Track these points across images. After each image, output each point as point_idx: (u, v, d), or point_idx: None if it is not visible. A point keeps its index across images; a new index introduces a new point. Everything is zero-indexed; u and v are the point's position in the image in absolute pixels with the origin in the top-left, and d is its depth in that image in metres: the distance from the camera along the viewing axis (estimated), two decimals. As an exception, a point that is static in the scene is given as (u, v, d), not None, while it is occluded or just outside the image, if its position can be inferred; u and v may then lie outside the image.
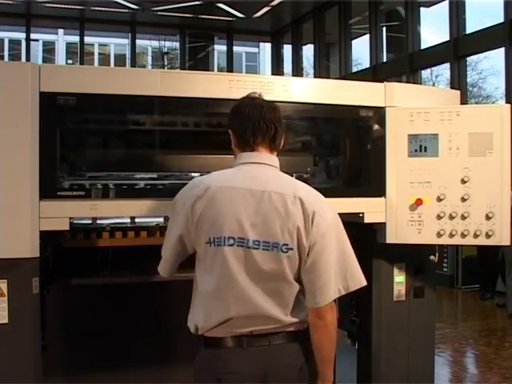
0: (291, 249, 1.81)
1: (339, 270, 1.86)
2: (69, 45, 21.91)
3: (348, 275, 1.87)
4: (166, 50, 17.67)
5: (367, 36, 13.12)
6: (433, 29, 13.42)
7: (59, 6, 14.22)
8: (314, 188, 1.97)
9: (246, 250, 1.80)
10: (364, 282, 1.92)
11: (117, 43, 22.55)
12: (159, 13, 14.83)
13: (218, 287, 1.82)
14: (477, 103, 13.91)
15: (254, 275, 1.81)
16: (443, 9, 10.81)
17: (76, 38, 16.80)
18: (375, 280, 2.66)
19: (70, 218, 2.20)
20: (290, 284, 1.85)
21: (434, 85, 13.91)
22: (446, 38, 10.84)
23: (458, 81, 10.39)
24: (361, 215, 2.55)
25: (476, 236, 2.50)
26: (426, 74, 13.79)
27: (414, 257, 2.70)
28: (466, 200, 2.50)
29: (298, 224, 1.81)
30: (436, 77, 14.85)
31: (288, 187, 1.87)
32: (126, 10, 14.79)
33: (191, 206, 1.84)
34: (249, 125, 1.89)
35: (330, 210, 1.90)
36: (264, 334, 1.84)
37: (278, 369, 1.85)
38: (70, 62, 21.56)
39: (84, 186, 2.30)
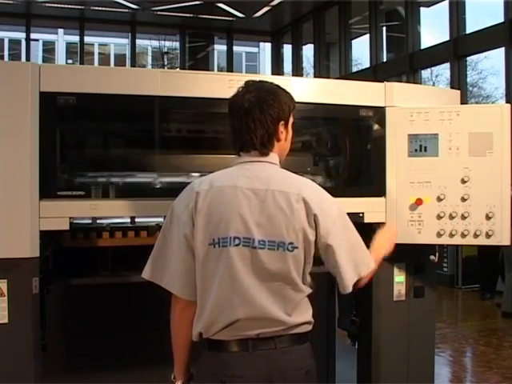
0: (296, 247, 1.80)
1: (350, 259, 1.88)
2: (69, 45, 21.92)
3: (358, 262, 1.90)
4: (165, 49, 17.68)
5: (367, 36, 13.13)
6: (430, 29, 13.43)
7: (59, 5, 14.22)
8: None
9: (251, 250, 1.78)
10: (372, 265, 1.95)
11: (117, 43, 22.56)
12: (159, 13, 14.83)
13: (222, 290, 1.78)
14: (477, 103, 13.91)
15: (260, 275, 1.79)
16: (443, 9, 10.82)
17: (76, 38, 16.82)
18: (375, 280, 2.65)
19: (70, 218, 2.20)
20: (294, 284, 1.83)
21: (434, 85, 13.91)
22: (444, 38, 10.85)
23: (458, 81, 10.40)
24: (361, 215, 2.55)
25: (476, 236, 2.50)
26: (426, 73, 13.80)
27: (414, 257, 2.70)
28: (466, 200, 2.50)
29: (303, 222, 1.81)
30: (436, 77, 14.88)
31: (291, 185, 1.85)
32: (126, 10, 14.80)
33: (194, 207, 1.80)
34: (245, 127, 1.84)
35: (333, 202, 1.90)
36: (270, 337, 1.82)
37: (283, 372, 1.83)
38: (70, 61, 21.56)
39: (84, 185, 2.30)
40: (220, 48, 17.80)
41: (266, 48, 20.85)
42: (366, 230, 2.52)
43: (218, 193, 1.81)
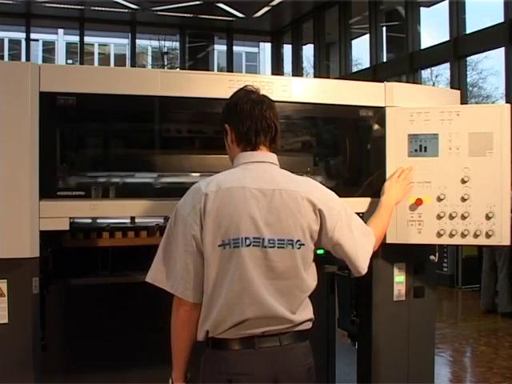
0: (303, 244, 1.85)
1: (359, 247, 2.02)
2: (69, 45, 21.94)
3: (367, 245, 2.07)
4: (165, 49, 17.67)
5: (367, 36, 13.12)
6: (430, 29, 13.44)
7: (59, 5, 14.23)
8: None
9: (262, 250, 1.80)
10: (374, 238, 2.13)
11: (117, 43, 22.58)
12: (159, 13, 14.84)
13: (232, 290, 1.78)
14: (477, 103, 13.91)
15: (269, 274, 1.81)
16: (443, 9, 10.82)
17: (76, 38, 16.82)
18: (375, 280, 2.66)
19: (70, 218, 2.20)
20: (302, 281, 1.87)
21: (433, 85, 13.91)
22: (444, 38, 10.85)
23: (458, 81, 10.39)
24: (361, 215, 2.55)
25: (476, 236, 2.49)
26: (426, 73, 13.80)
27: (413, 257, 2.70)
28: (466, 200, 2.50)
29: (310, 220, 1.86)
30: (436, 77, 14.88)
31: (296, 184, 1.89)
32: (126, 10, 14.80)
33: (203, 209, 1.79)
34: (251, 125, 1.88)
35: (335, 198, 1.98)
36: (275, 334, 1.83)
37: (288, 369, 1.84)
38: (69, 61, 21.58)
39: (84, 185, 2.30)
40: (220, 48, 17.80)
41: (265, 48, 20.86)
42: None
43: (227, 194, 1.81)
